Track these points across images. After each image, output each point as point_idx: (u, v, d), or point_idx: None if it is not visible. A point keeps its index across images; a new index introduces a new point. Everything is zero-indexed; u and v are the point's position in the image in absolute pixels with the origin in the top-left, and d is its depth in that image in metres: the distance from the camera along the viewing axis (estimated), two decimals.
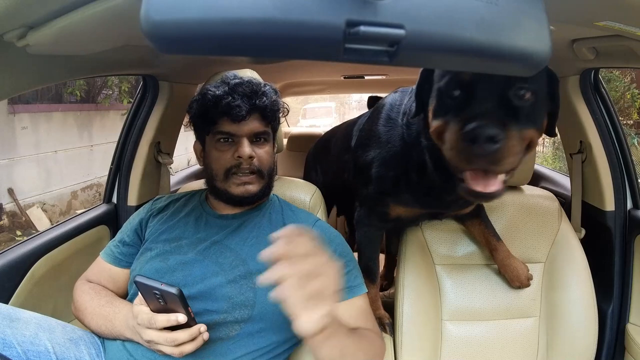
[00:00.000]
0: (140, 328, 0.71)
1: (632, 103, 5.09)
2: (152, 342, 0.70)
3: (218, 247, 0.85)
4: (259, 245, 0.85)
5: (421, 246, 1.10)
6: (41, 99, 4.56)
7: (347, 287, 0.83)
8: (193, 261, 0.83)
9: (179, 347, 0.69)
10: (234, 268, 0.82)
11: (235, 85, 0.86)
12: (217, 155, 0.87)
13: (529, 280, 1.05)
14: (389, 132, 0.92)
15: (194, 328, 0.70)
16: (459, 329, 1.05)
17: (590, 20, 0.62)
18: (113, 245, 0.93)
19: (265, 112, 0.88)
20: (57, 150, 4.72)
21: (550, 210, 1.11)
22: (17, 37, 0.62)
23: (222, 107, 0.84)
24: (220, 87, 0.86)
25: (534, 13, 0.34)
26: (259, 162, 0.88)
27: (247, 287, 0.80)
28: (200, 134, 0.93)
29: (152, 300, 0.69)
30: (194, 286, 0.79)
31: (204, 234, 0.87)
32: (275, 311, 0.79)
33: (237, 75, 0.91)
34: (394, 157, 0.91)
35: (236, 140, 0.86)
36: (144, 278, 0.68)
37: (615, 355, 1.12)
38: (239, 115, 0.84)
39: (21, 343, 0.69)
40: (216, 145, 0.87)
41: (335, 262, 0.59)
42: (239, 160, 0.86)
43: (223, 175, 0.87)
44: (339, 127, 1.48)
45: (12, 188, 4.16)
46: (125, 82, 5.11)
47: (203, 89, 0.89)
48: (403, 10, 0.30)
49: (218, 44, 0.30)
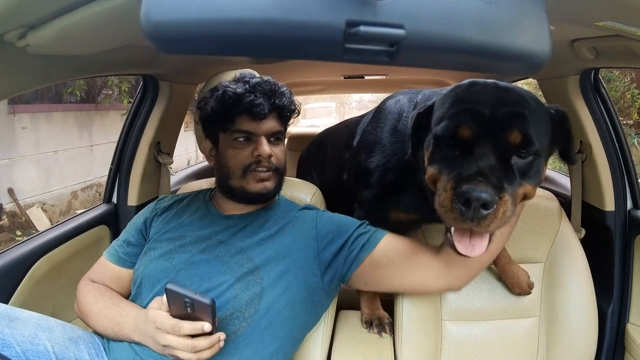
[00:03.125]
0: (159, 332, 0.70)
1: (632, 103, 5.09)
2: (169, 347, 0.70)
3: (224, 247, 0.85)
4: (266, 242, 0.86)
5: None
6: (41, 99, 4.56)
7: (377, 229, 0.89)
8: (199, 260, 0.83)
9: (197, 354, 0.69)
10: (241, 266, 0.82)
11: (255, 84, 0.86)
12: (234, 153, 0.87)
13: (529, 287, 1.04)
14: (396, 143, 0.91)
15: (215, 336, 0.70)
16: (459, 329, 1.05)
17: (590, 20, 0.62)
18: (117, 245, 0.93)
19: (284, 111, 0.89)
20: (57, 150, 4.71)
21: (550, 210, 1.11)
22: (17, 37, 0.62)
23: (243, 105, 0.84)
24: (239, 85, 0.86)
25: (534, 13, 0.34)
26: (277, 160, 0.89)
27: (253, 282, 0.80)
28: (212, 132, 0.92)
29: (177, 307, 0.69)
30: (201, 285, 0.79)
31: (209, 232, 0.87)
32: (282, 303, 0.80)
33: (255, 73, 0.91)
34: (398, 169, 0.91)
35: (254, 139, 0.86)
36: (175, 286, 0.67)
37: (615, 355, 1.12)
38: (261, 113, 0.84)
39: (20, 343, 0.68)
40: (233, 143, 0.87)
41: None
42: (258, 158, 0.86)
43: (241, 172, 0.87)
44: (334, 128, 1.47)
45: (12, 188, 4.16)
46: (125, 82, 5.11)
47: (219, 86, 0.88)
48: (403, 10, 0.30)
49: (218, 44, 0.30)
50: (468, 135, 0.62)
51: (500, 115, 0.62)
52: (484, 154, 0.61)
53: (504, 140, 0.61)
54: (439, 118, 0.68)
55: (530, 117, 0.63)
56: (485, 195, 0.57)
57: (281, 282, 0.81)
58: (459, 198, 0.59)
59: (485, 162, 0.60)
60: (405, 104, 0.94)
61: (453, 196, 0.60)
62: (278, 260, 0.83)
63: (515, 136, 0.61)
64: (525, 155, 0.63)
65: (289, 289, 0.82)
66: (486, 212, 0.58)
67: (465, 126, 0.62)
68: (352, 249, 0.85)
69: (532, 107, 0.64)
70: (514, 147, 0.62)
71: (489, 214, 0.58)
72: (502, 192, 0.59)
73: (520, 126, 0.61)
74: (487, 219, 0.58)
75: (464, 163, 0.62)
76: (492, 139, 0.61)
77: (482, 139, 0.61)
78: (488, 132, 0.61)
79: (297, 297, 0.83)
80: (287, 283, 0.82)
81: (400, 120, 0.92)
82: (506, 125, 0.61)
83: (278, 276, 0.82)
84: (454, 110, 0.65)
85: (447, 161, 0.65)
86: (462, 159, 0.62)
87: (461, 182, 0.59)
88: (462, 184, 0.59)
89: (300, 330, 0.88)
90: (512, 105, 0.63)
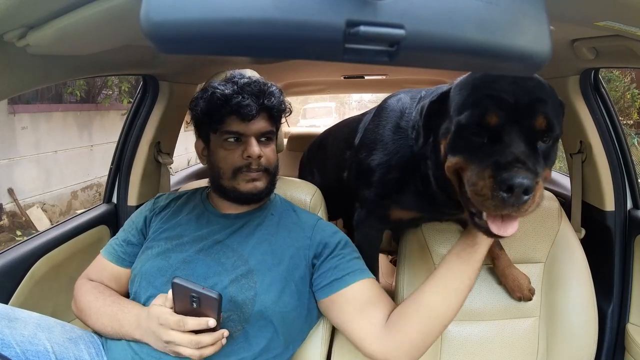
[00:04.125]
0: (162, 328, 0.70)
1: (632, 103, 5.09)
2: (172, 344, 0.69)
3: (220, 247, 0.85)
4: (261, 245, 0.85)
5: (421, 246, 1.10)
6: (41, 99, 4.56)
7: (357, 270, 0.85)
8: (196, 260, 0.83)
9: (200, 350, 0.68)
10: (236, 268, 0.82)
11: (244, 85, 0.86)
12: (225, 154, 0.87)
13: (530, 292, 1.03)
14: (398, 140, 0.91)
15: (218, 332, 0.70)
16: (459, 329, 1.05)
17: (590, 20, 0.62)
18: (116, 244, 0.93)
19: (273, 111, 0.89)
20: (57, 150, 4.71)
21: (550, 210, 1.11)
22: (17, 37, 0.62)
23: (231, 106, 0.84)
24: (228, 86, 0.86)
25: (534, 13, 0.34)
26: (266, 160, 0.89)
27: (248, 285, 0.80)
28: (204, 132, 0.92)
29: (182, 302, 0.69)
30: None
31: (206, 232, 0.87)
32: (275, 309, 0.80)
33: (243, 74, 0.91)
34: (401, 165, 0.90)
35: (244, 140, 0.86)
36: (183, 280, 0.68)
37: (615, 355, 1.12)
38: (249, 114, 0.84)
39: (20, 343, 0.68)
40: (223, 144, 0.87)
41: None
42: (248, 160, 0.86)
43: (231, 173, 0.87)
44: (334, 127, 1.47)
45: (12, 188, 4.16)
46: (125, 82, 5.11)
47: (208, 87, 0.88)
48: (403, 10, 0.30)
49: (218, 44, 0.30)
50: (496, 123, 0.63)
51: (524, 101, 0.63)
52: (514, 141, 0.62)
53: (530, 126, 0.62)
54: (460, 105, 0.68)
55: (550, 103, 0.64)
56: (527, 181, 0.58)
57: (275, 288, 0.81)
58: (500, 186, 0.59)
59: (518, 148, 0.61)
60: (407, 102, 0.94)
61: (494, 184, 0.60)
62: (272, 266, 0.83)
63: (540, 122, 0.63)
64: (548, 140, 0.64)
65: (282, 297, 0.81)
66: (527, 197, 0.59)
67: (492, 113, 0.63)
68: (321, 280, 0.85)
69: (549, 93, 0.66)
70: (539, 133, 0.63)
71: (529, 198, 0.59)
72: (537, 177, 0.60)
73: (544, 112, 0.63)
74: (526, 204, 0.60)
75: (495, 151, 0.62)
76: (518, 125, 0.62)
77: (508, 125, 0.62)
78: (514, 118, 0.62)
79: (291, 305, 0.82)
80: (280, 290, 0.81)
81: (402, 118, 0.92)
82: (531, 111, 0.63)
83: (272, 281, 0.81)
84: (475, 97, 0.66)
85: (472, 150, 0.65)
86: (492, 146, 0.63)
87: (501, 170, 0.60)
88: (502, 171, 0.60)
89: (297, 334, 0.87)
90: (533, 91, 0.64)
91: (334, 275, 0.83)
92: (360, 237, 1.09)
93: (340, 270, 0.84)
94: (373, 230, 1.08)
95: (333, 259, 0.85)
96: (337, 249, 0.87)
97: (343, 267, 0.84)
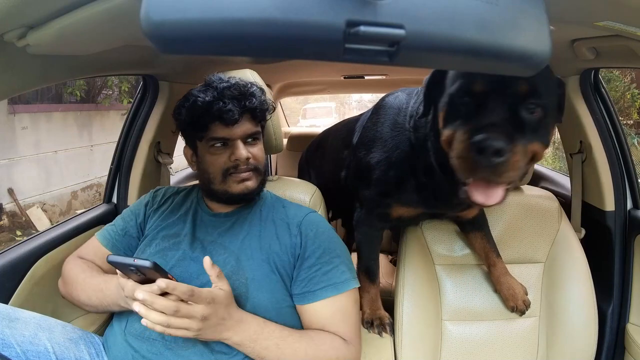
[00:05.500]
0: (128, 300, 0.71)
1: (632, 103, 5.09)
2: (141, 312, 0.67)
3: (213, 246, 0.86)
4: (250, 241, 0.86)
5: (421, 246, 1.10)
6: (41, 99, 4.56)
7: (328, 285, 0.82)
8: (189, 258, 0.85)
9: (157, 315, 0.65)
10: (226, 265, 0.83)
11: (223, 89, 0.85)
12: (213, 159, 0.87)
13: (525, 303, 1.02)
14: (397, 136, 0.92)
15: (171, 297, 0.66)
16: (459, 329, 1.05)
17: (590, 20, 0.62)
18: (112, 231, 0.94)
19: (256, 112, 0.89)
20: (57, 150, 4.72)
21: (550, 210, 1.11)
22: (17, 37, 0.62)
23: (213, 113, 0.83)
24: (208, 93, 0.85)
25: (534, 13, 0.34)
26: (255, 160, 0.89)
27: (239, 282, 0.81)
28: (190, 140, 0.92)
29: (132, 275, 0.70)
30: (191, 282, 0.79)
31: (200, 233, 0.89)
32: (268, 306, 0.80)
33: (222, 77, 0.90)
34: (401, 160, 0.91)
35: (230, 144, 0.87)
36: (116, 257, 0.68)
37: (615, 355, 1.12)
38: (232, 119, 0.83)
39: (20, 343, 0.69)
40: (210, 150, 0.87)
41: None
42: (236, 162, 0.86)
43: (221, 176, 0.87)
44: (332, 127, 1.47)
45: (12, 188, 4.16)
46: (125, 82, 5.11)
47: (189, 95, 0.87)
48: (403, 10, 0.30)
49: (218, 44, 0.30)
50: (480, 89, 0.65)
51: None
52: (495, 107, 0.64)
53: (513, 93, 0.64)
54: (454, 77, 0.70)
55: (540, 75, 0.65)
56: (498, 142, 0.59)
57: (266, 286, 0.82)
58: (473, 147, 0.61)
59: (497, 114, 0.63)
60: (404, 99, 0.95)
61: (468, 147, 0.62)
62: (261, 262, 0.83)
63: (523, 87, 0.64)
64: (533, 109, 0.65)
65: (274, 293, 0.82)
66: (500, 159, 0.60)
67: (477, 81, 0.65)
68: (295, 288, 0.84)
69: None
70: (521, 97, 0.64)
71: (502, 161, 0.60)
72: (514, 141, 0.61)
73: (527, 78, 0.63)
74: (501, 167, 0.61)
75: (477, 117, 0.64)
76: (502, 93, 0.64)
77: (494, 94, 0.64)
78: (499, 86, 0.64)
79: (283, 300, 0.83)
80: (271, 288, 0.82)
81: (400, 114, 0.93)
82: (516, 78, 0.64)
83: (262, 278, 0.82)
84: None
85: (462, 119, 0.67)
86: (475, 114, 0.65)
87: (474, 133, 0.62)
88: (475, 134, 0.61)
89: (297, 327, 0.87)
90: None
91: (307, 287, 0.83)
92: (361, 237, 1.09)
93: (313, 283, 0.83)
94: (373, 229, 1.08)
95: (310, 269, 0.84)
96: (314, 257, 0.85)
97: (317, 280, 0.83)
